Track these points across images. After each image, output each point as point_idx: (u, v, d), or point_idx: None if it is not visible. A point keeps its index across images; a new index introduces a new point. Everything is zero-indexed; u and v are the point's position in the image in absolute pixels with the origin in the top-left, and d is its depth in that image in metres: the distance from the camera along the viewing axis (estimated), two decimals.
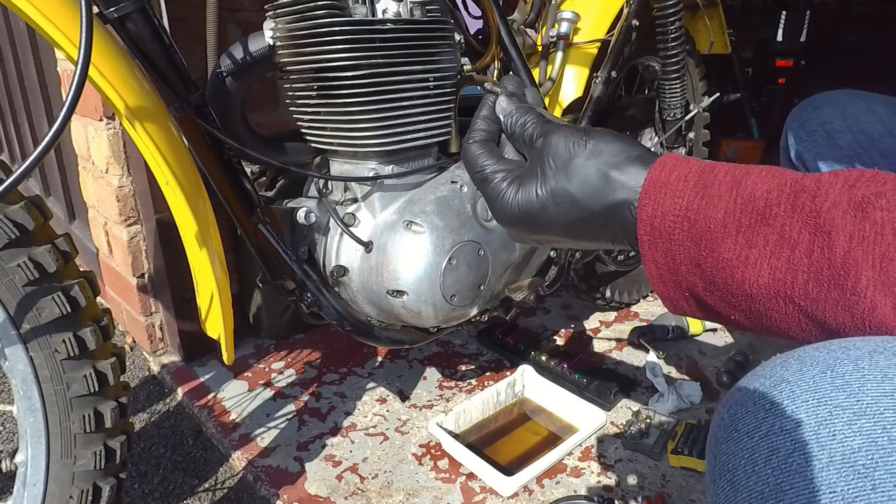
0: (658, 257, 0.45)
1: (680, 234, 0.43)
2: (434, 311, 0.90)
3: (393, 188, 0.91)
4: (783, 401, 0.34)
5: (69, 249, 0.71)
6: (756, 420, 0.35)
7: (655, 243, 0.45)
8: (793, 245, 0.38)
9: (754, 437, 0.34)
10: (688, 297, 0.46)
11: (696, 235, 0.43)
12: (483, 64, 1.08)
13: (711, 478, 0.37)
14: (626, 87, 1.69)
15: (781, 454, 0.33)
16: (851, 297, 0.36)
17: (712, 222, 0.42)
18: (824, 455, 0.31)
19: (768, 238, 0.40)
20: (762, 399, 0.35)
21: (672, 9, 1.29)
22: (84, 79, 0.56)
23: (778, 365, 0.36)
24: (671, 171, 0.44)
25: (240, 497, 1.09)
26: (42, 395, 0.69)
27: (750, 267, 0.40)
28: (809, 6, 3.44)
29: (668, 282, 0.46)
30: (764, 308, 0.41)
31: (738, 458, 0.35)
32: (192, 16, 0.99)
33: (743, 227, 0.41)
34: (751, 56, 3.47)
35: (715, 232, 0.42)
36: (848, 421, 0.31)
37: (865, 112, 0.92)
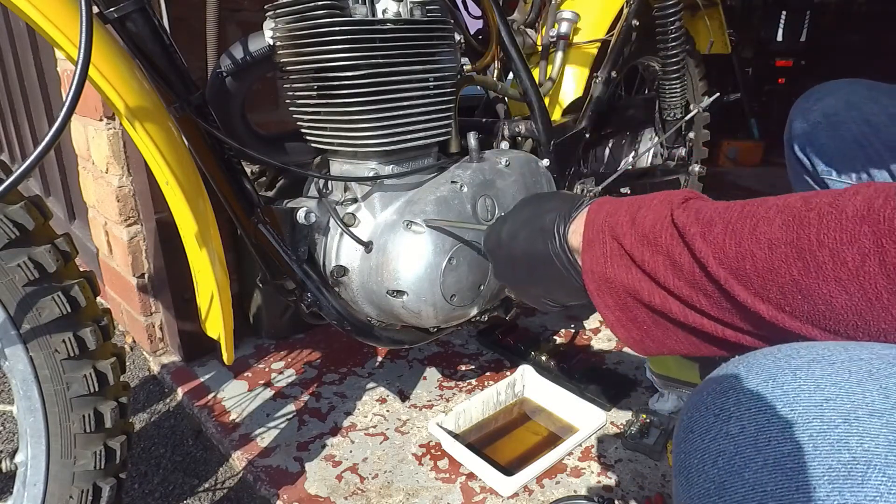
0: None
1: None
2: (434, 312, 0.90)
3: (393, 188, 0.91)
4: (730, 407, 0.37)
5: (69, 249, 0.71)
6: (707, 424, 0.38)
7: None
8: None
9: (705, 440, 0.38)
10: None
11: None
12: (483, 64, 1.08)
13: (674, 473, 0.41)
14: (626, 87, 1.69)
15: (726, 456, 0.36)
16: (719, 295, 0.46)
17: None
18: (760, 458, 0.35)
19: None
20: (713, 404, 0.38)
21: (672, 9, 1.29)
22: (84, 79, 0.56)
23: (730, 370, 0.40)
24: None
25: (240, 497, 1.09)
26: (42, 395, 0.69)
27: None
28: (809, 6, 3.44)
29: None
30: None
31: (692, 457, 0.39)
32: (192, 16, 0.99)
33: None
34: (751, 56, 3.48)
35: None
36: (781, 428, 0.35)
37: (869, 102, 0.91)
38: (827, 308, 0.39)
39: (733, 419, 0.37)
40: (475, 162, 0.96)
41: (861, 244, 0.37)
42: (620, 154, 1.60)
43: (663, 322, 0.51)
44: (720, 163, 3.31)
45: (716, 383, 0.40)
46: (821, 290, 0.39)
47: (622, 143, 1.60)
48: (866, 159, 0.89)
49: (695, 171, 1.63)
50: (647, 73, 1.65)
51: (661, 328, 0.52)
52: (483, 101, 1.36)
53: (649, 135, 1.61)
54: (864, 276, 0.37)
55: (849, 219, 0.38)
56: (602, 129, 1.37)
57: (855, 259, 0.37)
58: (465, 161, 0.98)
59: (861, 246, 0.37)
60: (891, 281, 0.36)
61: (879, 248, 0.36)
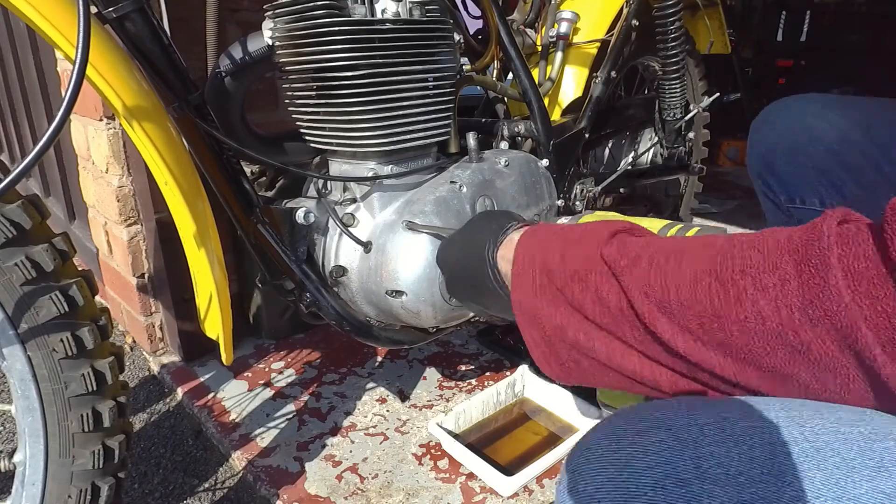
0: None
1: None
2: (433, 312, 0.90)
3: (392, 188, 0.91)
4: (582, 466, 0.42)
5: (67, 248, 0.71)
6: (566, 479, 0.43)
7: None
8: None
9: (563, 496, 0.43)
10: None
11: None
12: (483, 64, 1.08)
13: None
14: (626, 87, 1.69)
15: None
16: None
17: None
18: None
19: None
20: (572, 461, 0.43)
21: (672, 9, 1.29)
22: (81, 78, 0.56)
23: (599, 427, 0.44)
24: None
25: (240, 497, 1.09)
26: (40, 395, 0.69)
27: None
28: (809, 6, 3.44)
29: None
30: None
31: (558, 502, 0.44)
32: (192, 16, 0.99)
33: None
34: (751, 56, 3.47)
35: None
36: (608, 491, 0.39)
37: (818, 121, 0.86)
38: (741, 333, 0.41)
39: (582, 478, 0.41)
40: (474, 162, 0.96)
41: (783, 271, 0.40)
42: (620, 154, 1.60)
43: (587, 360, 0.52)
44: (720, 163, 3.31)
45: (583, 440, 0.44)
46: (738, 315, 0.41)
47: (622, 143, 1.60)
48: (829, 183, 0.85)
49: (694, 170, 1.63)
50: (647, 73, 1.65)
51: (585, 366, 0.53)
52: (482, 101, 1.36)
53: (649, 135, 1.61)
54: (782, 298, 0.39)
55: (770, 250, 0.41)
56: (602, 129, 1.37)
57: (776, 285, 0.39)
58: (465, 161, 0.98)
59: (783, 273, 0.39)
60: (805, 301, 0.38)
61: (799, 272, 0.39)
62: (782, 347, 0.40)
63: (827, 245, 0.38)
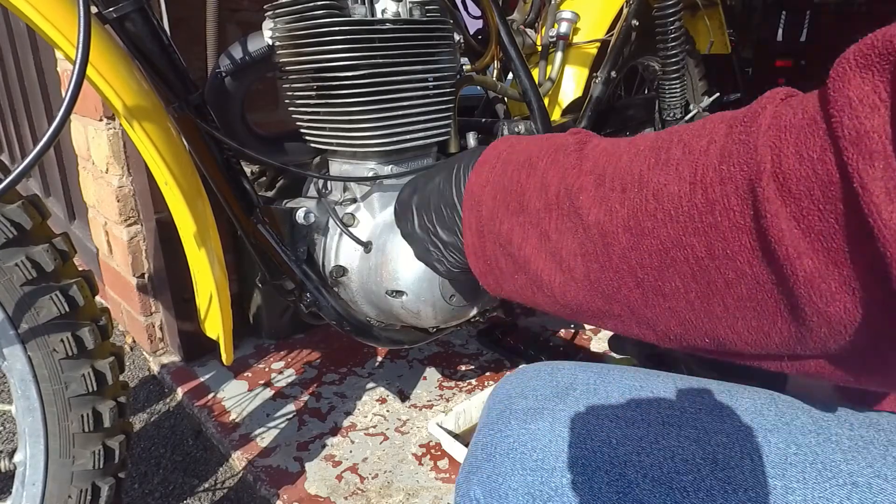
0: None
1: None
2: (433, 312, 0.90)
3: (392, 188, 0.91)
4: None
5: (67, 248, 0.71)
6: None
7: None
8: None
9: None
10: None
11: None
12: (483, 64, 1.08)
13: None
14: (626, 87, 1.69)
15: None
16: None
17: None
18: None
19: None
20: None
21: (672, 9, 1.29)
22: (82, 79, 0.56)
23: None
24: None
25: (240, 497, 1.09)
26: (40, 395, 0.69)
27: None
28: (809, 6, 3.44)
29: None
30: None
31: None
32: (192, 16, 0.99)
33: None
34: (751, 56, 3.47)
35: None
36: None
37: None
38: (655, 200, 0.37)
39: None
40: None
41: (713, 133, 0.36)
42: None
43: (505, 257, 0.49)
44: None
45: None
46: (658, 180, 0.37)
47: None
48: None
49: None
50: (647, 73, 1.65)
51: (502, 264, 0.50)
52: (483, 101, 1.36)
53: None
54: (703, 158, 0.35)
55: (711, 120, 0.38)
56: (602, 129, 1.37)
57: (702, 148, 0.36)
58: None
59: (712, 135, 0.36)
60: (722, 155, 0.34)
61: (728, 133, 0.35)
62: (686, 218, 0.35)
63: (762, 106, 0.34)
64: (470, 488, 0.40)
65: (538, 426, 0.40)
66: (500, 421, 0.42)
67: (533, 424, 0.40)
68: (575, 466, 0.36)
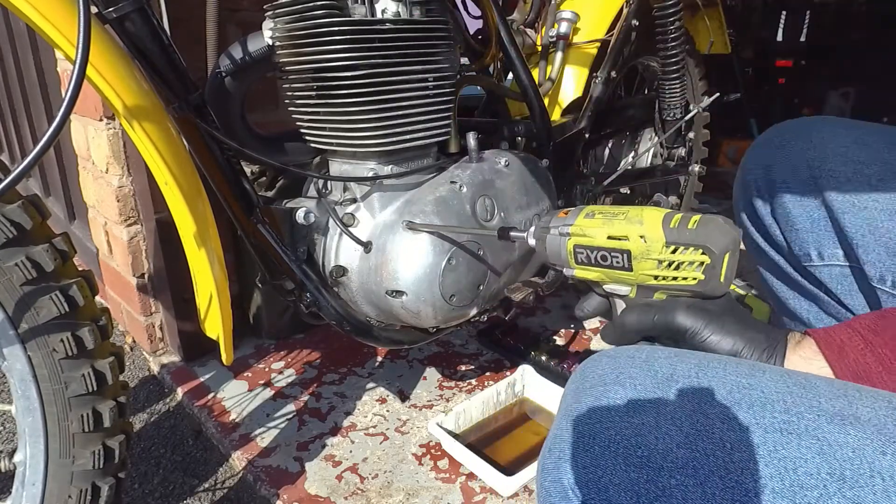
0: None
1: None
2: (433, 312, 0.90)
3: (392, 188, 0.91)
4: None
5: (67, 248, 0.71)
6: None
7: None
8: None
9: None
10: None
11: None
12: (482, 64, 1.08)
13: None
14: (625, 87, 1.69)
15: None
16: None
17: None
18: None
19: None
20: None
21: (672, 9, 1.29)
22: (82, 79, 0.56)
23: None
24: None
25: (240, 497, 1.09)
26: (40, 395, 0.69)
27: None
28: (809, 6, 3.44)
29: None
30: None
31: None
32: (192, 16, 0.99)
33: None
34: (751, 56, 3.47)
35: None
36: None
37: (855, 146, 0.67)
38: None
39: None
40: (474, 162, 0.96)
41: None
42: (620, 154, 1.60)
43: None
44: (720, 163, 3.30)
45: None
46: None
47: (622, 143, 1.60)
48: (856, 233, 0.66)
49: (694, 171, 1.63)
50: (647, 73, 1.65)
51: None
52: (482, 101, 1.36)
53: (649, 135, 1.61)
54: None
55: None
56: (602, 129, 1.37)
57: None
58: (465, 161, 0.97)
59: None
60: None
61: None
62: None
63: None
64: (562, 476, 0.39)
65: (643, 420, 0.38)
66: (597, 409, 0.40)
67: (636, 418, 0.38)
68: (686, 468, 0.35)
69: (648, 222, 0.57)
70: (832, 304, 0.73)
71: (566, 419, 0.42)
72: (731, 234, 0.55)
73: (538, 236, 0.65)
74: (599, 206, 0.62)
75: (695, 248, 0.54)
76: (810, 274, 0.73)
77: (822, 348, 0.46)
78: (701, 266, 0.54)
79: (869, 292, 0.68)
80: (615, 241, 0.58)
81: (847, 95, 3.26)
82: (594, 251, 0.60)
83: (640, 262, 0.57)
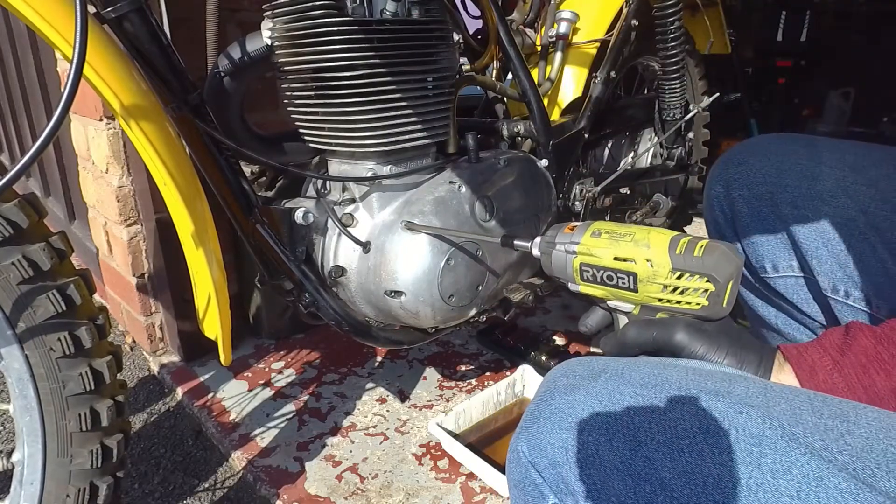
0: None
1: None
2: (432, 312, 0.90)
3: (391, 188, 0.91)
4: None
5: (64, 247, 0.71)
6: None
7: None
8: None
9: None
10: None
11: None
12: (482, 64, 1.07)
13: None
14: (625, 87, 1.69)
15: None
16: None
17: None
18: None
19: None
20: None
21: (672, 9, 1.29)
22: (79, 78, 0.56)
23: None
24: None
25: (240, 497, 1.09)
26: (38, 394, 0.69)
27: None
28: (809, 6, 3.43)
29: None
30: None
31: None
32: (192, 16, 0.99)
33: None
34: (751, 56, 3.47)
35: None
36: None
37: (810, 162, 0.71)
38: None
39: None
40: (473, 162, 0.96)
41: None
42: (620, 154, 1.60)
43: None
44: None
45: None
46: None
47: (621, 143, 1.60)
48: (809, 245, 0.71)
49: (695, 171, 1.63)
50: (646, 73, 1.65)
51: None
52: (482, 101, 1.35)
53: (649, 135, 1.60)
54: None
55: None
56: (601, 130, 1.36)
57: None
58: (464, 161, 0.97)
59: None
60: None
61: None
62: None
63: None
64: (518, 444, 0.50)
65: (575, 398, 0.49)
66: (546, 394, 0.51)
67: (571, 396, 0.49)
68: (600, 428, 0.46)
69: (655, 247, 0.57)
70: (794, 311, 0.78)
71: (528, 406, 0.53)
72: (736, 261, 0.56)
73: (544, 250, 0.66)
74: (605, 224, 0.62)
75: (700, 276, 0.55)
76: (768, 284, 0.78)
77: (794, 368, 0.52)
78: (706, 293, 0.56)
79: (823, 301, 0.73)
80: (622, 262, 0.59)
81: (847, 95, 3.25)
82: (600, 270, 0.60)
83: (645, 286, 0.58)
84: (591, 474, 0.45)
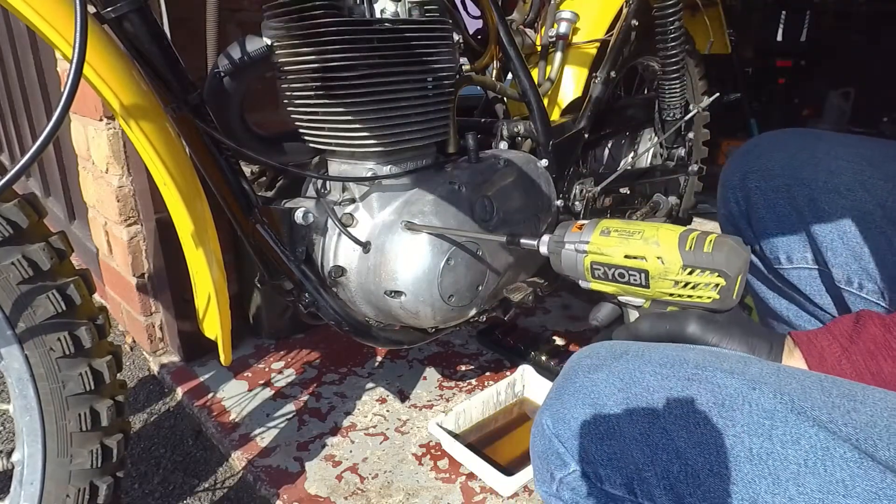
0: None
1: None
2: (432, 312, 0.90)
3: (391, 188, 0.91)
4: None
5: (64, 247, 0.71)
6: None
7: None
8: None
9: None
10: None
11: None
12: (482, 64, 1.07)
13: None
14: (625, 87, 1.69)
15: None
16: None
17: None
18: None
19: None
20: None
21: (672, 9, 1.29)
22: (78, 78, 0.56)
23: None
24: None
25: (240, 497, 1.09)
26: (38, 394, 0.69)
27: None
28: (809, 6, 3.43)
29: None
30: None
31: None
32: (192, 16, 0.99)
33: None
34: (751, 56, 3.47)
35: None
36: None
37: (827, 157, 0.72)
38: None
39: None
40: (473, 162, 0.96)
41: None
42: (620, 154, 1.60)
43: None
44: (720, 163, 3.29)
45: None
46: None
47: (621, 143, 1.60)
48: (824, 238, 0.72)
49: (694, 170, 1.63)
50: (646, 73, 1.65)
51: None
52: (482, 101, 1.35)
53: (649, 135, 1.60)
54: None
55: None
56: (601, 130, 1.36)
57: None
58: (464, 161, 0.97)
59: None
60: None
61: None
62: None
63: None
64: (542, 418, 0.53)
65: (598, 376, 0.51)
66: (570, 373, 0.54)
67: (594, 375, 0.52)
68: (620, 403, 0.49)
69: (665, 244, 0.58)
70: (806, 303, 0.79)
71: (553, 385, 0.55)
72: (744, 255, 0.57)
73: (553, 249, 0.66)
74: (613, 222, 0.63)
75: (711, 272, 0.56)
76: (781, 276, 0.79)
77: (804, 354, 0.53)
78: (717, 287, 0.56)
79: (836, 293, 0.74)
80: (632, 259, 0.59)
81: (847, 95, 3.25)
82: (611, 268, 0.61)
83: (657, 282, 0.58)
84: (612, 444, 0.48)
